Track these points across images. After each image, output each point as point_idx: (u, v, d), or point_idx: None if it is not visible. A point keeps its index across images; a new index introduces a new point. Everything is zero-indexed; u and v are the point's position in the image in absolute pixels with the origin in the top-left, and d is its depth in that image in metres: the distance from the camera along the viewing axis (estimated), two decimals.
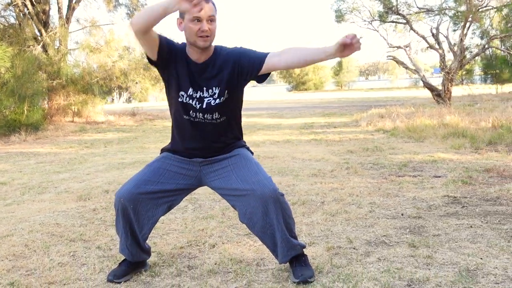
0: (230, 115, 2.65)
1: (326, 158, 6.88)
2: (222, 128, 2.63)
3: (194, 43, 2.47)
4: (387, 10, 16.49)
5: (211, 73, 2.56)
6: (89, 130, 14.24)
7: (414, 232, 3.40)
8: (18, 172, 6.84)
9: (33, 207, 4.60)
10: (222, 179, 2.63)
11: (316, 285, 2.54)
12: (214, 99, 2.55)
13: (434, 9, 16.49)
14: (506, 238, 3.19)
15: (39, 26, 16.29)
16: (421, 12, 16.81)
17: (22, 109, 13.47)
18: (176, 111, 2.63)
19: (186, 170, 2.67)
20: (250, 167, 2.60)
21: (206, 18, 2.41)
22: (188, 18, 2.41)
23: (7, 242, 3.50)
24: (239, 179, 2.57)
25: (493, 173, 5.29)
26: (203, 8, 2.26)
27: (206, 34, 2.42)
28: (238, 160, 2.64)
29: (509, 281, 2.50)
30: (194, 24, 2.41)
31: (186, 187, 2.72)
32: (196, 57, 2.54)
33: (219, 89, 2.55)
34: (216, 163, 2.66)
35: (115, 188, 5.25)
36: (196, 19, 2.40)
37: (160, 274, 2.82)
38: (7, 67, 13.25)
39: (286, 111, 18.98)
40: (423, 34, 16.58)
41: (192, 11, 2.22)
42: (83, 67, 17.43)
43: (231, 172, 2.61)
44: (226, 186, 2.62)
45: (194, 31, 2.42)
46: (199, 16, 2.38)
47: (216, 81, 2.55)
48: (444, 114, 11.40)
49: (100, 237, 3.56)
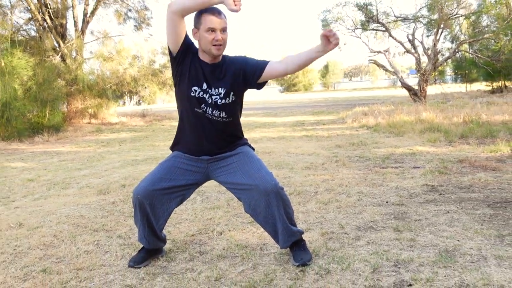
0: (233, 115, 2.66)
1: (317, 152, 6.89)
2: (226, 126, 2.64)
3: (208, 51, 2.50)
4: (368, 19, 16.47)
5: (219, 76, 2.57)
6: (104, 131, 14.21)
7: (398, 218, 3.43)
8: (43, 170, 6.83)
9: (58, 201, 4.60)
10: (228, 174, 2.65)
11: (314, 267, 2.56)
12: (220, 99, 2.56)
13: (410, 18, 16.47)
14: (479, 222, 3.22)
15: (58, 38, 16.23)
16: (398, 21, 16.80)
17: (44, 112, 13.44)
18: (187, 105, 2.59)
19: (195, 167, 2.68)
20: (253, 164, 2.62)
21: (219, 28, 2.46)
22: (204, 29, 2.46)
23: (37, 233, 3.51)
24: (243, 175, 2.58)
25: (465, 163, 5.31)
26: (240, 6, 2.29)
27: (219, 43, 2.47)
28: (242, 158, 2.65)
29: (483, 260, 2.53)
30: (209, 34, 2.45)
31: (195, 182, 2.73)
32: (207, 60, 2.56)
33: (225, 91, 2.56)
34: (222, 160, 2.67)
35: (130, 182, 5.26)
36: (210, 30, 2.45)
37: (175, 259, 2.84)
38: (30, 76, 13.22)
39: (279, 111, 18.96)
40: (400, 40, 16.58)
41: (231, 8, 2.26)
42: (98, 74, 17.41)
43: (236, 169, 2.62)
44: (232, 181, 2.63)
45: (209, 40, 2.46)
46: (213, 27, 2.44)
47: (222, 83, 2.57)
48: (421, 111, 11.42)
49: (120, 227, 3.58)
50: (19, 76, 12.84)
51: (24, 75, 12.99)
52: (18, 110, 12.23)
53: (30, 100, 13.13)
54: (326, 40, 2.37)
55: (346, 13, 16.97)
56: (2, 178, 6.22)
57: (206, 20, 2.46)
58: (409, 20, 16.53)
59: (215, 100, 2.56)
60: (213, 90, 2.56)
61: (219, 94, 2.56)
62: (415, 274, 2.39)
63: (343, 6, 16.83)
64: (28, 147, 10.67)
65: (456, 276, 2.34)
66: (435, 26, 15.76)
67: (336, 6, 16.99)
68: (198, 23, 2.49)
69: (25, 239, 3.36)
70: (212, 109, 2.56)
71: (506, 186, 4.21)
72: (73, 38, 16.70)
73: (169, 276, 2.58)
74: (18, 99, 12.42)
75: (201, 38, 2.50)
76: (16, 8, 15.86)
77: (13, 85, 12.40)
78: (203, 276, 2.54)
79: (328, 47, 2.39)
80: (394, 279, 2.35)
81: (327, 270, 2.51)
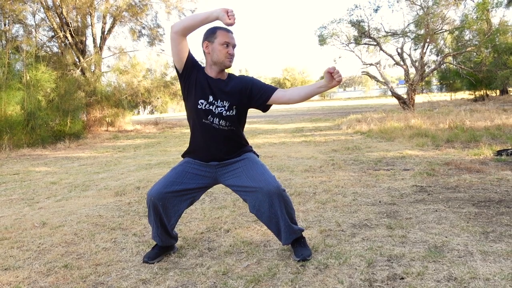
0: (237, 125, 2.65)
1: (315, 156, 6.87)
2: (231, 134, 2.62)
3: (221, 62, 2.53)
4: (360, 35, 16.48)
5: (224, 89, 2.57)
6: (120, 137, 14.21)
7: (390, 216, 3.40)
8: (65, 173, 6.83)
9: (79, 202, 4.59)
10: (234, 178, 2.63)
11: (314, 262, 2.54)
12: (225, 110, 2.56)
13: (399, 33, 16.48)
14: (465, 219, 3.19)
15: (78, 53, 16.31)
16: (388, 36, 16.80)
17: (65, 121, 13.49)
18: (195, 117, 2.60)
19: (204, 172, 2.67)
20: (258, 168, 2.61)
21: (232, 44, 2.53)
22: (219, 42, 2.50)
23: (59, 231, 3.50)
24: (248, 178, 2.57)
25: (451, 166, 5.28)
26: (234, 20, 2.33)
27: (232, 56, 2.54)
28: (247, 163, 2.64)
29: (469, 255, 2.51)
30: (224, 48, 2.50)
31: (205, 185, 2.71)
32: (213, 75, 2.58)
33: (228, 104, 2.56)
34: (229, 166, 2.65)
35: (145, 185, 5.25)
36: (226, 44, 2.50)
37: (186, 255, 2.82)
38: (53, 88, 13.28)
39: (280, 118, 18.95)
40: (390, 53, 16.61)
41: (226, 22, 2.30)
42: (114, 86, 17.48)
43: (242, 173, 2.61)
44: (238, 184, 2.62)
45: (223, 53, 2.51)
46: (228, 41, 2.51)
47: (227, 97, 2.56)
48: (409, 118, 11.39)
49: (135, 225, 3.56)
50: (42, 88, 12.90)
51: (47, 88, 13.05)
52: (42, 119, 12.27)
53: (53, 110, 13.18)
54: (330, 77, 2.39)
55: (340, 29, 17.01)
56: (27, 181, 6.22)
57: (222, 35, 2.51)
58: (398, 35, 16.54)
59: (220, 111, 2.56)
60: (218, 102, 2.55)
61: (224, 106, 2.56)
62: (407, 268, 2.37)
63: (337, 22, 16.87)
64: (51, 153, 10.68)
65: (445, 270, 2.32)
66: (421, 40, 15.76)
67: (331, 23, 17.04)
68: (213, 37, 2.52)
69: (48, 237, 3.35)
70: (218, 119, 2.56)
71: (489, 186, 4.18)
72: (92, 54, 16.77)
73: (181, 270, 2.56)
74: (42, 109, 12.47)
75: (214, 51, 2.51)
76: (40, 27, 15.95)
77: (37, 96, 12.46)
78: (211, 270, 2.52)
79: (331, 83, 2.41)
80: (387, 273, 2.33)
81: (325, 265, 2.49)
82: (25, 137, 11.73)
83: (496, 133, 7.84)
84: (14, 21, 14.64)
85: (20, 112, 11.82)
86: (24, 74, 12.39)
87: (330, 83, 2.41)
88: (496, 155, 5.81)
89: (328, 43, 17.15)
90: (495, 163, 5.34)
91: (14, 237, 3.41)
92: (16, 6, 14.05)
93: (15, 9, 13.95)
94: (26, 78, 12.30)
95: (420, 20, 15.43)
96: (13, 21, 14.52)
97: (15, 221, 3.91)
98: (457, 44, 16.99)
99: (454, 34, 16.64)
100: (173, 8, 17.75)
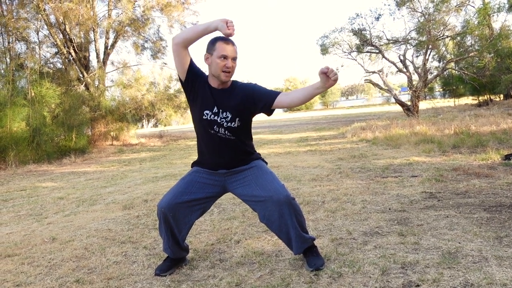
0: (242, 135, 2.64)
1: (322, 165, 6.86)
2: (237, 144, 2.62)
3: (218, 76, 2.49)
4: (362, 43, 16.54)
5: (227, 100, 2.56)
6: (126, 151, 14.25)
7: (401, 223, 3.38)
8: (72, 188, 6.84)
9: (87, 217, 4.59)
10: (243, 187, 2.63)
11: (327, 271, 2.52)
12: (227, 122, 2.55)
13: (400, 40, 16.53)
14: (477, 225, 3.17)
15: (82, 69, 16.42)
16: (390, 43, 16.85)
17: (71, 136, 13.54)
18: (201, 127, 2.61)
19: (213, 181, 2.67)
20: (267, 177, 2.60)
21: (231, 57, 2.47)
22: (217, 55, 2.46)
23: (69, 246, 3.49)
24: (258, 187, 2.56)
25: (460, 171, 5.26)
26: (234, 30, 2.31)
27: (229, 70, 2.47)
28: (256, 171, 2.63)
29: (484, 260, 2.48)
30: (221, 60, 2.45)
31: (214, 194, 2.71)
32: (216, 86, 2.57)
33: (231, 116, 2.55)
34: (238, 174, 2.65)
35: (152, 198, 5.25)
36: (223, 57, 2.45)
37: (198, 267, 2.81)
38: (57, 103, 13.37)
39: (284, 128, 18.96)
40: (393, 60, 16.65)
41: (225, 32, 2.30)
42: (118, 100, 17.55)
43: (251, 182, 2.60)
44: (247, 193, 2.61)
45: (220, 66, 2.46)
46: (226, 54, 2.45)
47: (229, 108, 2.55)
48: (414, 124, 11.36)
49: (145, 238, 3.55)
50: (47, 104, 12.99)
51: (52, 103, 13.14)
52: (47, 135, 12.33)
53: (58, 126, 13.25)
54: (325, 77, 2.32)
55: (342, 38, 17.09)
56: (35, 197, 6.23)
57: (221, 48, 2.46)
58: (400, 42, 16.59)
59: (224, 121, 2.55)
60: (222, 113, 2.55)
61: (226, 117, 2.55)
62: (421, 275, 2.34)
63: (339, 31, 16.96)
64: (57, 168, 10.70)
65: (460, 276, 2.29)
66: (423, 47, 15.79)
67: (333, 32, 17.12)
68: (212, 49, 2.49)
69: (58, 252, 3.34)
70: (223, 129, 2.56)
71: (500, 191, 4.15)
72: (96, 69, 16.88)
73: (193, 282, 2.54)
74: (47, 125, 12.54)
75: (212, 63, 2.49)
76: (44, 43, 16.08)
77: (42, 112, 12.54)
78: (224, 282, 2.50)
79: (328, 83, 2.34)
80: (402, 280, 2.31)
81: (339, 274, 2.47)
82: (31, 153, 11.77)
83: (502, 138, 7.81)
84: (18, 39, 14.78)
85: (25, 128, 11.88)
86: (28, 91, 12.48)
87: (326, 83, 2.34)
88: (504, 159, 5.78)
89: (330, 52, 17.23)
90: (503, 167, 5.31)
91: (24, 253, 3.41)
92: (20, 24, 14.20)
93: (18, 27, 14.10)
94: (31, 94, 12.39)
95: (421, 27, 15.48)
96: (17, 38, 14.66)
97: (24, 237, 3.91)
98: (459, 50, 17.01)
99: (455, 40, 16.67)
100: (175, 22, 17.88)
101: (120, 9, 16.86)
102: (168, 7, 17.13)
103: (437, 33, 15.61)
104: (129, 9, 16.47)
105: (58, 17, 15.04)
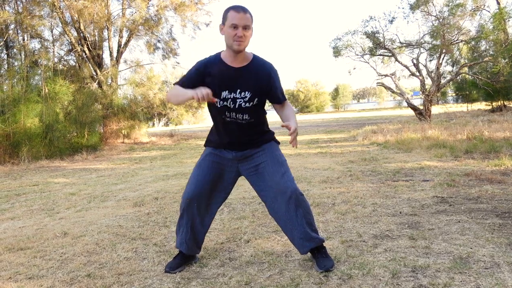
0: (257, 117, 2.64)
1: (332, 167, 6.84)
2: (251, 126, 2.62)
3: (230, 46, 2.43)
4: (375, 46, 16.49)
5: (246, 79, 2.50)
6: (137, 149, 14.34)
7: (412, 227, 3.36)
8: (83, 185, 6.90)
9: (99, 213, 4.63)
10: (256, 176, 2.65)
11: (337, 272, 2.52)
12: (245, 102, 2.52)
13: (414, 44, 16.44)
14: (489, 230, 3.14)
15: (95, 67, 16.56)
16: (403, 46, 16.78)
17: (83, 133, 13.67)
18: (216, 112, 2.62)
19: (228, 167, 2.70)
20: (278, 168, 2.59)
21: (241, 25, 2.38)
22: (228, 24, 2.40)
23: (81, 241, 3.53)
24: (268, 180, 2.58)
25: (472, 176, 5.21)
26: (211, 100, 2.32)
27: (240, 39, 2.40)
28: (268, 159, 2.62)
29: (496, 266, 2.46)
30: (232, 30, 2.39)
31: (231, 180, 2.74)
32: (232, 62, 2.50)
33: (250, 95, 2.51)
34: (250, 161, 2.67)
35: (163, 196, 5.28)
36: (233, 26, 2.38)
37: (207, 265, 2.82)
38: (70, 101, 13.49)
39: None
40: (406, 64, 16.55)
41: (197, 98, 2.27)
42: (130, 99, 17.69)
43: (262, 173, 2.62)
44: (259, 183, 2.64)
45: (231, 36, 2.40)
46: (236, 23, 2.38)
47: (249, 87, 2.50)
48: (426, 129, 11.29)
49: (156, 235, 3.58)
50: (60, 101, 13.12)
51: (65, 100, 13.27)
52: (59, 131, 12.46)
53: (70, 123, 13.38)
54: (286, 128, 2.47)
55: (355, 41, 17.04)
56: (47, 193, 6.30)
57: (231, 16, 2.39)
58: (413, 46, 16.50)
59: (240, 103, 2.51)
60: (237, 94, 2.50)
61: (244, 97, 2.50)
62: (432, 279, 2.33)
63: (352, 34, 16.91)
64: (69, 164, 10.81)
65: (472, 281, 2.28)
66: (437, 51, 15.68)
67: (346, 35, 17.07)
68: (225, 19, 2.43)
69: (70, 247, 3.38)
70: (236, 113, 2.55)
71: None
72: (109, 67, 17.02)
73: (203, 280, 2.56)
74: (59, 121, 12.67)
75: (225, 34, 2.44)
76: (58, 41, 16.26)
77: (55, 109, 12.67)
78: (234, 280, 2.51)
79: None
80: (412, 284, 2.30)
81: (349, 276, 2.46)
82: (44, 149, 11.91)
83: None
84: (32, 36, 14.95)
85: (38, 124, 12.02)
86: (42, 88, 12.62)
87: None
88: None
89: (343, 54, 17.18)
90: None
91: (36, 246, 3.45)
92: (35, 21, 14.37)
93: (33, 24, 14.26)
94: (45, 91, 12.53)
95: (436, 31, 15.37)
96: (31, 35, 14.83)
97: (36, 231, 3.95)
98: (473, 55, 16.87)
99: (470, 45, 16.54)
100: (188, 21, 17.96)
101: (134, 8, 16.99)
102: (181, 7, 17.22)
103: (451, 37, 15.49)
104: (143, 8, 16.58)
105: (73, 14, 15.20)
